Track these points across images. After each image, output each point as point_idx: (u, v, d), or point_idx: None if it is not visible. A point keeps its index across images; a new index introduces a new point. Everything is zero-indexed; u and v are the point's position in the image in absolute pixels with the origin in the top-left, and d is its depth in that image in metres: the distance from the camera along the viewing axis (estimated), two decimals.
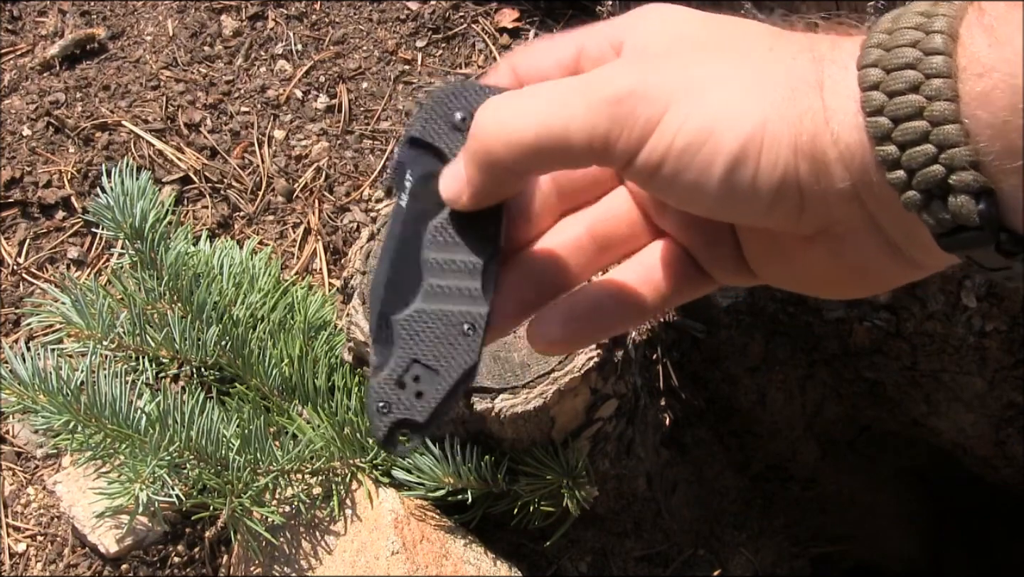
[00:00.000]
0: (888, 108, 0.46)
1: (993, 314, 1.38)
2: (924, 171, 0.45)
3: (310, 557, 1.29)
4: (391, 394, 0.55)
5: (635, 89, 0.48)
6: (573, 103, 0.49)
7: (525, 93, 0.52)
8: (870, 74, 0.46)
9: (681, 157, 0.48)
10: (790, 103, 0.48)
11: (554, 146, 0.50)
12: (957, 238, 0.46)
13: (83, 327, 1.29)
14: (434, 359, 0.54)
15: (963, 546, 2.14)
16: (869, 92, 0.46)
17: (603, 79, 0.50)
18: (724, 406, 1.72)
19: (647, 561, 1.57)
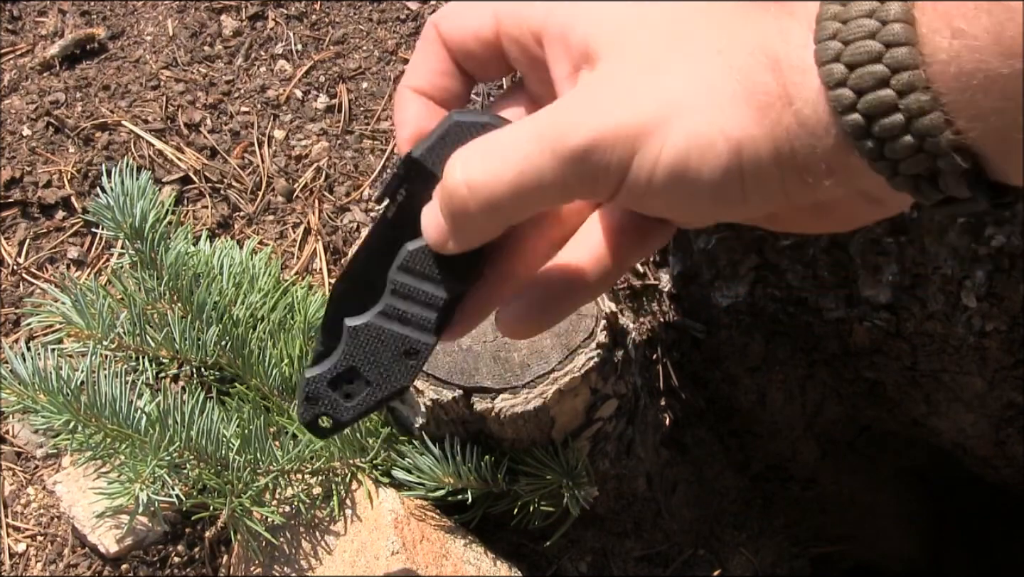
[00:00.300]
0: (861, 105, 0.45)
1: (993, 314, 1.38)
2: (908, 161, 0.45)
3: (310, 557, 1.29)
4: (322, 390, 0.59)
5: (598, 134, 0.48)
6: (538, 162, 0.49)
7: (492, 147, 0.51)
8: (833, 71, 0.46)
9: (663, 192, 0.49)
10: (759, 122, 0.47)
11: (530, 201, 0.51)
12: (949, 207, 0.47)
13: (83, 327, 1.29)
14: (372, 373, 0.58)
15: (963, 546, 2.14)
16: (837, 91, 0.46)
17: (564, 128, 0.49)
18: (724, 406, 1.72)
19: (647, 561, 1.57)
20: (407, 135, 0.58)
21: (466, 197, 0.51)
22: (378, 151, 1.73)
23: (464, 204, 0.52)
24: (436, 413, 1.26)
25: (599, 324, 1.25)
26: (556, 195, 0.51)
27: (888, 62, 0.44)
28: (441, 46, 0.57)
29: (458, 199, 0.52)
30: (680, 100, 0.48)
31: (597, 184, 0.49)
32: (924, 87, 0.44)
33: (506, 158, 0.50)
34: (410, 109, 0.58)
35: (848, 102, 0.45)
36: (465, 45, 0.57)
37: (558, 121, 0.50)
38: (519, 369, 1.22)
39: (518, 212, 0.52)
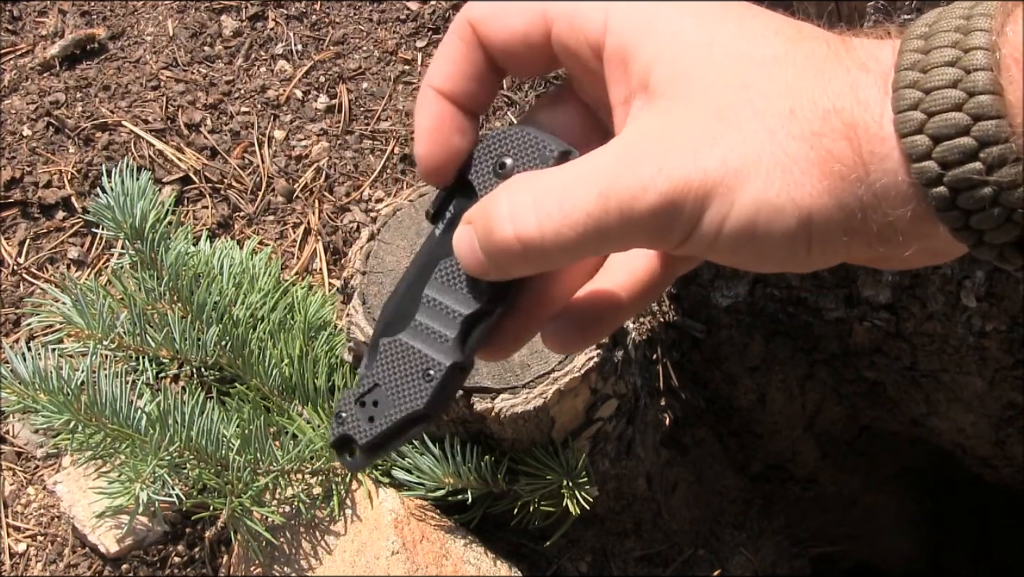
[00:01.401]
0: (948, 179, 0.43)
1: (993, 314, 1.38)
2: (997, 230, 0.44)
3: (310, 557, 1.29)
4: (350, 407, 0.56)
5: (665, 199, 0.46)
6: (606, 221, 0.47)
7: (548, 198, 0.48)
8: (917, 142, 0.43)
9: (729, 251, 0.47)
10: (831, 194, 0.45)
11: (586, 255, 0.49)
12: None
13: (83, 327, 1.29)
14: (391, 391, 0.55)
15: (963, 546, 2.14)
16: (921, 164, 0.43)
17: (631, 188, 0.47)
18: (724, 406, 1.72)
19: (647, 561, 1.57)
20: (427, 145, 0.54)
21: (513, 247, 0.49)
22: (378, 151, 1.73)
23: (510, 251, 0.49)
24: None
25: None
26: (617, 250, 0.50)
27: (977, 135, 0.42)
28: (476, 47, 0.53)
29: (503, 246, 0.49)
30: (750, 162, 0.46)
31: (662, 242, 0.48)
32: (1015, 159, 0.42)
33: (566, 216, 0.48)
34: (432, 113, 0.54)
35: (933, 175, 0.43)
36: (509, 47, 0.53)
37: (623, 178, 0.47)
38: (519, 369, 1.22)
39: (570, 262, 0.50)
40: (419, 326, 0.55)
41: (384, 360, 0.55)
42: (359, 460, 0.56)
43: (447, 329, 0.54)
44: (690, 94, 0.48)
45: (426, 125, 0.54)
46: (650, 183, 0.46)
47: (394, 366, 0.55)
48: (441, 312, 0.54)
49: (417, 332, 0.55)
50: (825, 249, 0.47)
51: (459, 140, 0.54)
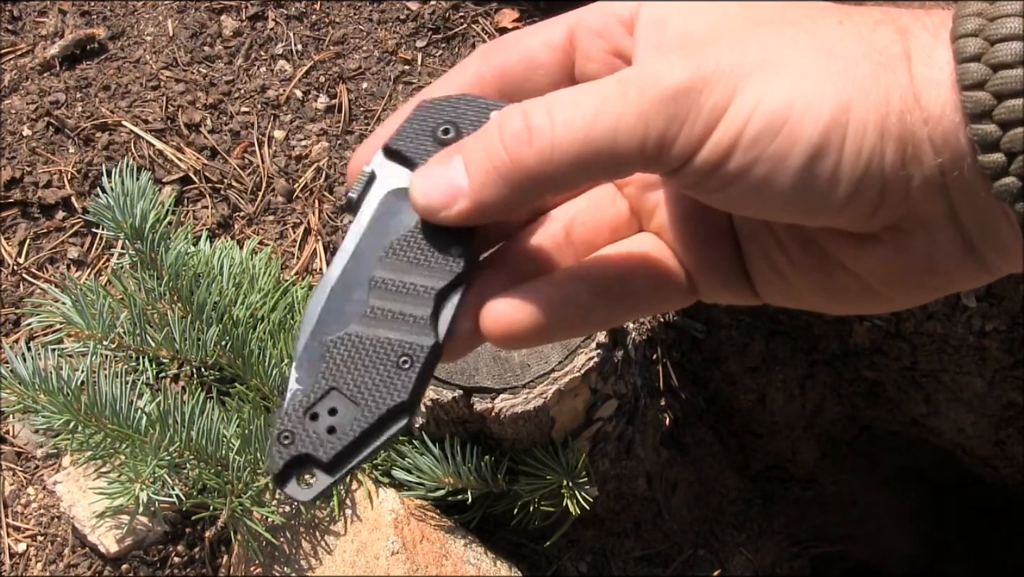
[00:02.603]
0: (991, 83, 0.40)
1: (993, 314, 1.38)
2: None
3: (310, 557, 1.29)
4: (298, 424, 0.46)
5: (694, 78, 0.42)
6: (620, 104, 0.42)
7: (558, 97, 0.44)
8: (968, 44, 0.41)
9: (753, 147, 0.42)
10: (874, 80, 0.41)
11: (598, 156, 0.43)
12: None
13: (83, 327, 1.29)
14: (357, 391, 0.46)
15: (963, 546, 2.14)
16: (967, 64, 0.41)
17: (652, 75, 0.43)
18: (724, 406, 1.72)
19: (647, 561, 1.57)
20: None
21: (525, 144, 0.43)
22: None
23: (520, 154, 0.43)
24: (436, 413, 1.26)
25: None
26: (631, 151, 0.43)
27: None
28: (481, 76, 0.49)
29: (515, 147, 0.43)
30: (792, 50, 0.42)
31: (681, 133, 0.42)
32: None
33: (581, 102, 0.43)
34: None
35: (979, 77, 0.41)
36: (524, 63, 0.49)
37: (648, 66, 0.43)
38: (519, 369, 1.22)
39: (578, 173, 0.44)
40: (376, 312, 0.47)
41: (335, 360, 0.47)
42: (319, 482, 0.46)
43: (417, 308, 0.47)
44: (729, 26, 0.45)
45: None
46: (676, 66, 0.43)
47: (354, 363, 0.47)
48: (403, 292, 0.47)
49: (374, 320, 0.47)
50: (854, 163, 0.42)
51: None
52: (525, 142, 0.43)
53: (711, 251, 0.50)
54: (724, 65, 0.42)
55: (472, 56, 0.50)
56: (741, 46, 0.43)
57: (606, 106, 0.43)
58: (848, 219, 0.44)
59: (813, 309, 0.50)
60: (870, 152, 0.42)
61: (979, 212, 0.43)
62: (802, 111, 0.42)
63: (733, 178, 0.43)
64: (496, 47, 0.50)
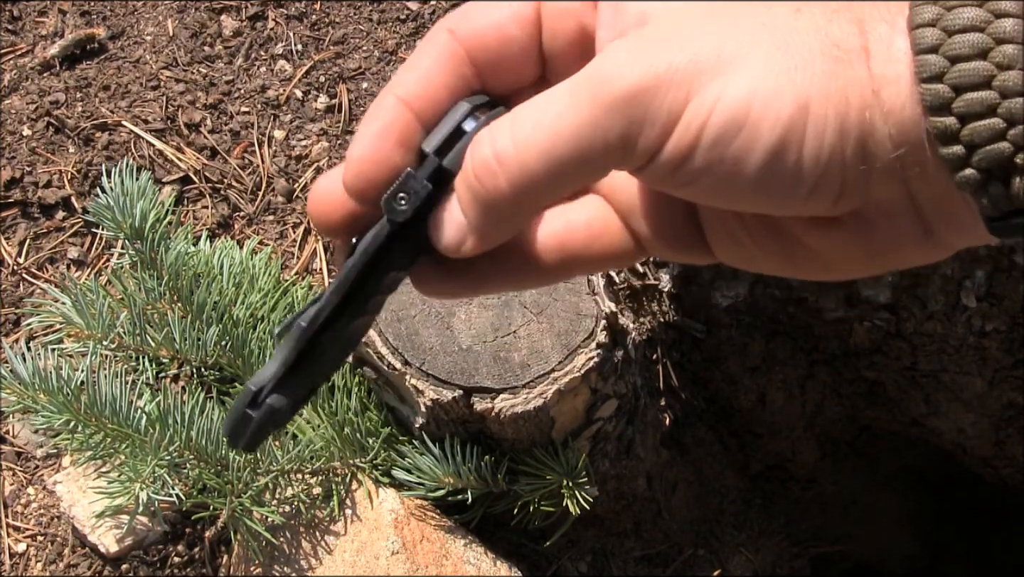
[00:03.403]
0: (949, 75, 0.40)
1: (993, 314, 1.38)
2: (987, 148, 0.40)
3: (310, 557, 1.29)
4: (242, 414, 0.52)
5: (649, 78, 0.42)
6: (574, 115, 0.42)
7: (522, 113, 0.44)
8: (926, 35, 0.41)
9: (712, 149, 0.42)
10: (832, 77, 0.41)
11: (566, 168, 0.43)
12: (1011, 223, 0.42)
13: (83, 327, 1.29)
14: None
15: (963, 546, 2.14)
16: (925, 56, 0.41)
17: (607, 74, 0.42)
18: (724, 406, 1.72)
19: (647, 561, 1.57)
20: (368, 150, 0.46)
21: (496, 173, 0.44)
22: None
23: (495, 183, 0.44)
24: (436, 413, 1.26)
25: (599, 324, 1.25)
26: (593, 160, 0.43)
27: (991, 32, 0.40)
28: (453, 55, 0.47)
29: (487, 178, 0.44)
30: (747, 46, 0.42)
31: (641, 134, 0.42)
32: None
33: (538, 120, 0.43)
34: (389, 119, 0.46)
35: (937, 69, 0.40)
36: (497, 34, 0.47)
37: (600, 69, 0.43)
38: (519, 369, 1.22)
39: (553, 187, 0.44)
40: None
41: None
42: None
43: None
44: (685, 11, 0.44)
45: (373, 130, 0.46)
46: (626, 67, 0.42)
47: None
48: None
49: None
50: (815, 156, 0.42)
51: (401, 158, 0.46)
52: (494, 172, 0.44)
53: (665, 219, 0.50)
54: (677, 63, 0.42)
55: (437, 32, 0.48)
56: (696, 40, 0.42)
57: (561, 121, 0.43)
58: (810, 209, 0.44)
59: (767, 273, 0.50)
60: (830, 149, 0.42)
61: (938, 198, 0.43)
62: (760, 111, 0.41)
63: (695, 177, 0.43)
64: (462, 20, 0.48)
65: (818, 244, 0.47)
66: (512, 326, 1.24)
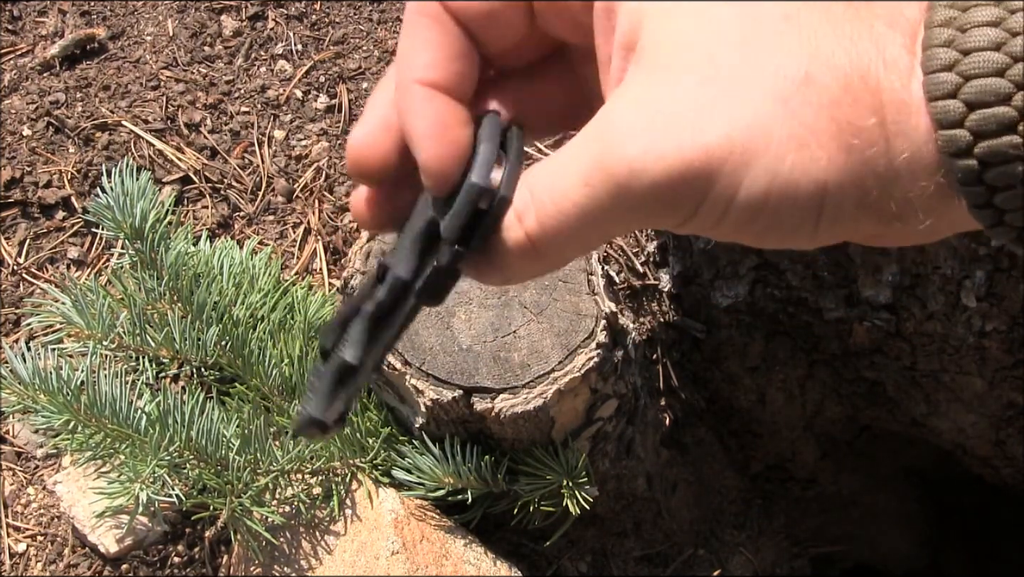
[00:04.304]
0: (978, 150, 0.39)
1: (993, 314, 1.38)
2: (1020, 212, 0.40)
3: (310, 557, 1.29)
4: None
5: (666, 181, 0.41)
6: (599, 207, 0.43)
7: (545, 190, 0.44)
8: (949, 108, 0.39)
9: (733, 229, 0.43)
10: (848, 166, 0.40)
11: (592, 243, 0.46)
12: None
13: (83, 327, 1.29)
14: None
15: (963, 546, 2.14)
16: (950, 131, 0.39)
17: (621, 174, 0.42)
18: (724, 406, 1.72)
19: (647, 561, 1.57)
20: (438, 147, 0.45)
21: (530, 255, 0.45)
22: None
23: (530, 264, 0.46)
24: (436, 413, 1.26)
25: (599, 324, 1.25)
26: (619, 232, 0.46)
27: (1018, 104, 0.38)
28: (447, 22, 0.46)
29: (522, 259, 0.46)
30: (759, 135, 0.40)
31: (664, 223, 0.44)
32: None
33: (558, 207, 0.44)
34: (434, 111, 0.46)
35: (963, 145, 0.39)
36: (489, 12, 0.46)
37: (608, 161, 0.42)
38: (519, 369, 1.22)
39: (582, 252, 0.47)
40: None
41: None
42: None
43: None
44: (683, 53, 0.42)
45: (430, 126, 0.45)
46: (639, 167, 0.41)
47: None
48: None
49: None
50: (834, 224, 0.42)
51: (465, 134, 0.46)
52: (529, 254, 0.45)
53: None
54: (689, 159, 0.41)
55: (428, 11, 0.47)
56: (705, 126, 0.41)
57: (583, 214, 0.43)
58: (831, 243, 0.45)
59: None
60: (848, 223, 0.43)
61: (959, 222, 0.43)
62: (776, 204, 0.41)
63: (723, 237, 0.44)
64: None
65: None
66: (512, 326, 1.24)
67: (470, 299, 1.26)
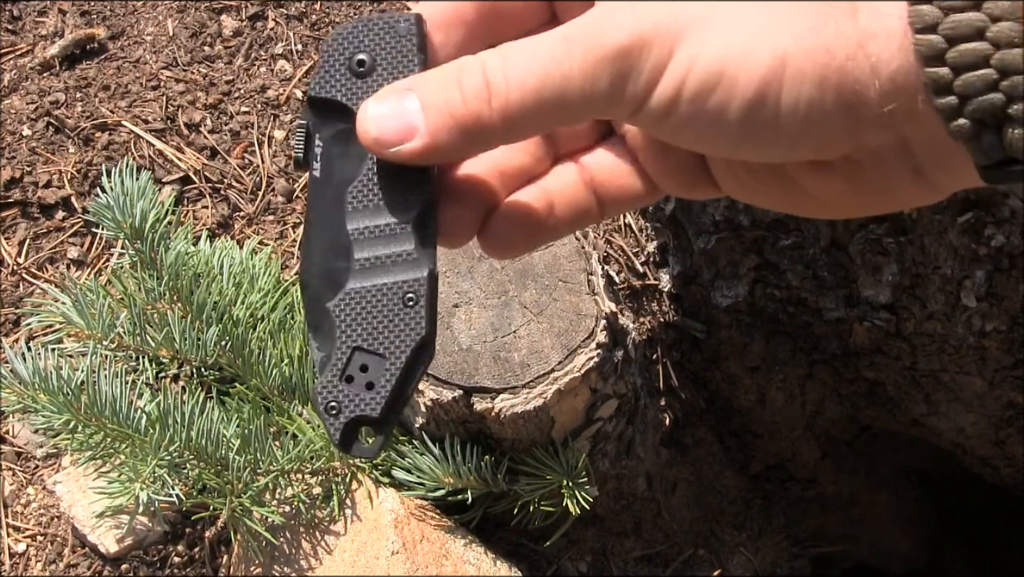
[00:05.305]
0: (943, 25, 0.41)
1: (993, 314, 1.38)
2: (980, 99, 0.41)
3: (310, 557, 1.29)
4: (338, 392, 0.48)
5: (635, 35, 0.44)
6: (567, 64, 0.45)
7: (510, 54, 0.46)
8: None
9: (693, 102, 0.44)
10: (814, 32, 0.43)
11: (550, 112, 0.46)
12: (1005, 171, 0.42)
13: (83, 327, 1.29)
14: (377, 342, 0.48)
15: (963, 546, 2.14)
16: (919, 7, 0.41)
17: (596, 33, 0.45)
18: (724, 406, 1.72)
19: (647, 561, 1.57)
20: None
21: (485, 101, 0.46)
22: None
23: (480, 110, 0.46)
24: (436, 413, 1.26)
25: (599, 324, 1.25)
26: (579, 105, 0.45)
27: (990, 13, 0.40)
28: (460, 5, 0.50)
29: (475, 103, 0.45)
30: (730, 3, 0.44)
31: (627, 88, 0.45)
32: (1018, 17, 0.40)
33: (530, 61, 0.45)
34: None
35: (931, 19, 0.41)
36: None
37: (591, 23, 0.45)
38: (519, 369, 1.22)
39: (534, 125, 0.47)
40: (365, 263, 0.48)
41: (346, 320, 0.48)
42: (378, 439, 0.49)
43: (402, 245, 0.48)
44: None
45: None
46: (618, 22, 0.44)
47: (363, 318, 0.48)
48: (382, 235, 0.48)
49: (366, 270, 0.48)
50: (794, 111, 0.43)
51: None
52: (484, 99, 0.46)
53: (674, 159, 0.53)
54: (662, 21, 0.44)
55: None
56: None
57: (555, 66, 0.45)
58: (796, 156, 0.46)
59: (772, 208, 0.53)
60: (808, 102, 0.43)
61: (933, 144, 0.44)
62: (737, 66, 0.43)
63: (680, 127, 0.45)
64: None
65: (812, 185, 0.49)
66: (512, 326, 1.24)
67: (470, 299, 1.26)
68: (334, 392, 0.48)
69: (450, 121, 0.46)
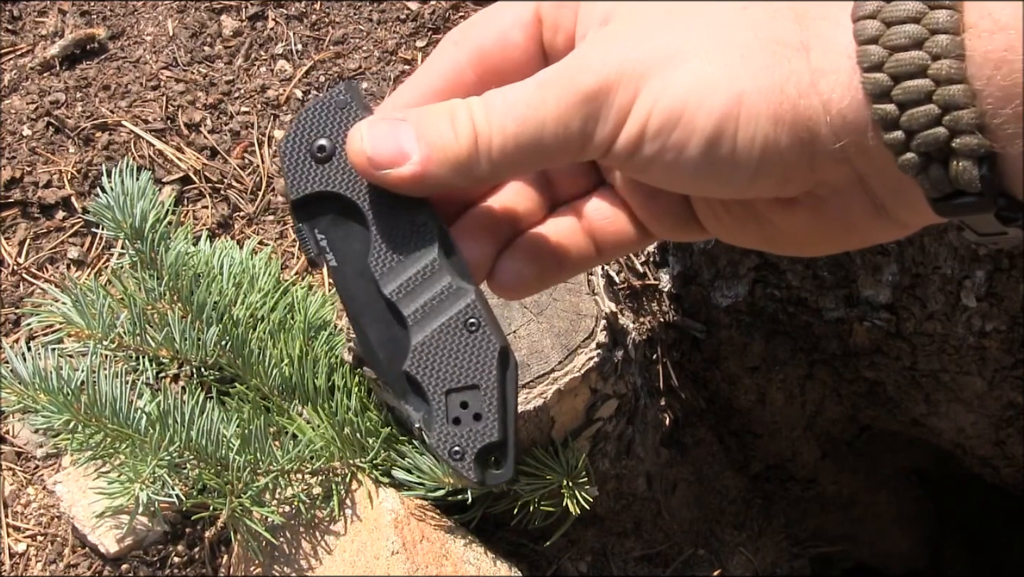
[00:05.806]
0: (888, 64, 0.43)
1: (993, 314, 1.38)
2: (925, 133, 0.43)
3: (310, 557, 1.29)
4: (454, 437, 0.50)
5: (602, 79, 0.46)
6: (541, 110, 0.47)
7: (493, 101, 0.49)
8: (867, 27, 0.43)
9: (655, 140, 0.46)
10: (768, 71, 0.45)
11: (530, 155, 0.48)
12: (954, 203, 0.44)
13: (83, 327, 1.29)
14: (464, 377, 0.50)
15: (963, 546, 2.14)
16: (866, 46, 0.43)
17: (569, 74, 0.47)
18: (724, 406, 1.72)
19: (647, 561, 1.57)
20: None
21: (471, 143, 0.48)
22: None
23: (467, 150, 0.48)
24: None
25: (599, 324, 1.25)
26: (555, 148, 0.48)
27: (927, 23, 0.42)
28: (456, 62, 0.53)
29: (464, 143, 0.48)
30: (690, 45, 0.46)
31: (596, 129, 0.47)
32: (958, 55, 0.41)
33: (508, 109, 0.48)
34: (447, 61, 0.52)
35: (877, 58, 0.43)
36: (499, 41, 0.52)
37: (563, 68, 0.48)
38: (519, 369, 1.22)
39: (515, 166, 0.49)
40: (417, 315, 0.50)
41: (427, 373, 0.50)
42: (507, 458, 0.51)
43: (439, 282, 0.50)
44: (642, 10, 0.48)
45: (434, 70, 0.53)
46: (587, 66, 0.47)
47: (443, 364, 0.50)
48: (418, 283, 0.51)
49: (421, 321, 0.50)
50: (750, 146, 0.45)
51: None
52: (472, 141, 0.48)
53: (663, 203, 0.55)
54: (628, 64, 0.46)
55: (444, 45, 0.53)
56: (646, 40, 0.47)
57: (531, 112, 0.48)
58: (757, 192, 0.48)
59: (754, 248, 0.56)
60: (764, 139, 0.45)
61: (887, 178, 0.46)
62: (696, 105, 0.45)
63: (646, 165, 0.48)
64: (467, 31, 0.53)
65: (781, 222, 0.51)
66: (512, 326, 1.24)
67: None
68: (450, 439, 0.51)
69: (442, 155, 0.49)
